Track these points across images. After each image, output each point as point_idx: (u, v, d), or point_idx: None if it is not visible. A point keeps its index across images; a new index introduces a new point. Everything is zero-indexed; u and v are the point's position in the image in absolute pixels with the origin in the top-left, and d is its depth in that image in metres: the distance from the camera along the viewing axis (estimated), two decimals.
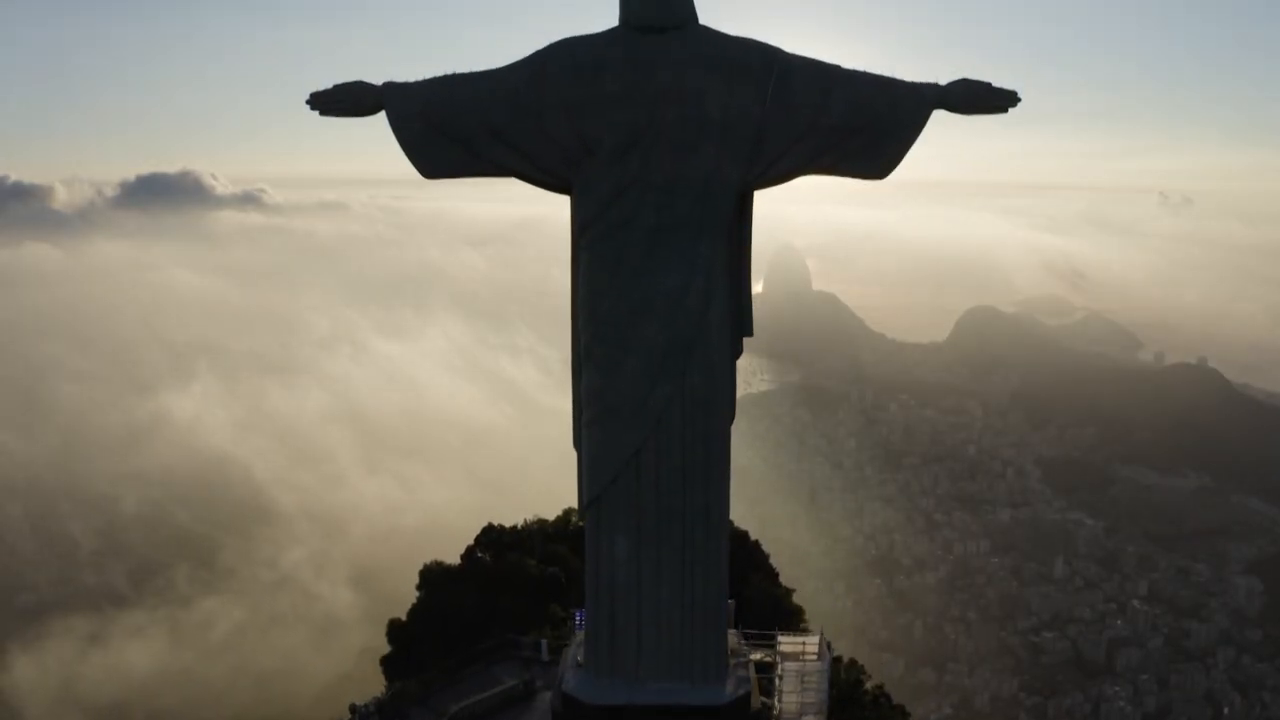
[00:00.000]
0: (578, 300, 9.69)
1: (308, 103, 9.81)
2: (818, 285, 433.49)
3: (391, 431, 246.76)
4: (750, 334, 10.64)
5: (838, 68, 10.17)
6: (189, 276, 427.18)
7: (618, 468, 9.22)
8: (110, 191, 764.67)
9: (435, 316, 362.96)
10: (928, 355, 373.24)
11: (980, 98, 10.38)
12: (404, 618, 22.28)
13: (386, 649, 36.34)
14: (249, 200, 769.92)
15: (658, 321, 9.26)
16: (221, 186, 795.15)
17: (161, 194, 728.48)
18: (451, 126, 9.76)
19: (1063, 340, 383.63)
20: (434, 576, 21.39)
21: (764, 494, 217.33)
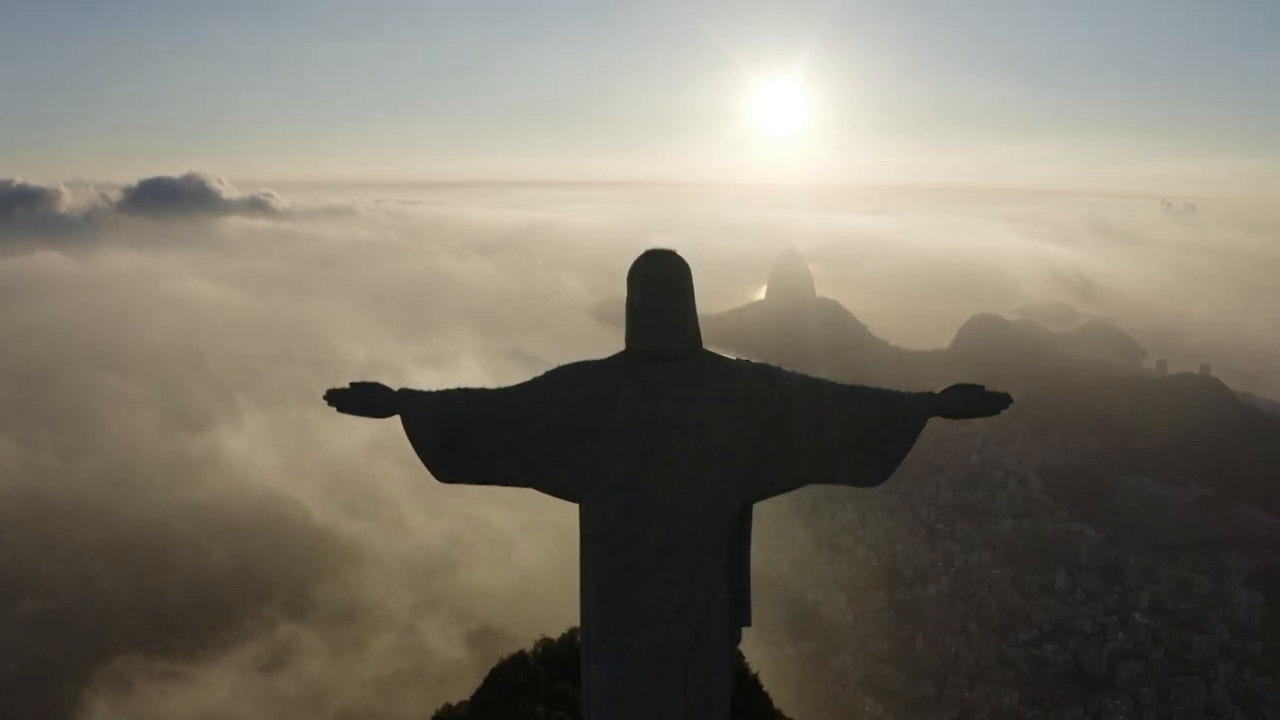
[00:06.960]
0: (587, 599, 10.30)
1: (324, 398, 10.17)
2: (820, 292, 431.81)
3: None
4: (749, 624, 11.21)
5: (833, 385, 10.66)
6: (207, 287, 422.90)
7: None
8: (115, 196, 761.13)
9: (463, 336, 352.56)
10: (931, 362, 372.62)
11: (974, 404, 11.01)
12: None
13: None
14: (256, 205, 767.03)
15: (662, 628, 9.93)
16: (227, 191, 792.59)
17: (168, 199, 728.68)
18: (465, 443, 10.23)
19: (1065, 348, 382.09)
20: None
21: (765, 503, 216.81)
